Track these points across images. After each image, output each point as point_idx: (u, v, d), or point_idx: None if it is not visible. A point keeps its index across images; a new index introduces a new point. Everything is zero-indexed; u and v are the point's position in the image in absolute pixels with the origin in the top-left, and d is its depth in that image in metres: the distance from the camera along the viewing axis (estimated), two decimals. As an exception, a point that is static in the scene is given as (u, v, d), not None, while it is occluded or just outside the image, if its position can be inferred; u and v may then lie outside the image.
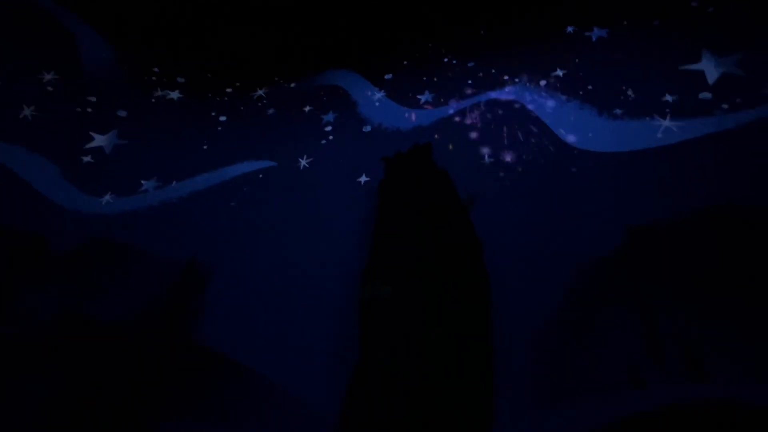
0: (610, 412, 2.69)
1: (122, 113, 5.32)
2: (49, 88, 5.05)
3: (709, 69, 4.09)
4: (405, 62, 5.49)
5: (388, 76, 5.44)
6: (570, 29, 4.86)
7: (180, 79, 5.73)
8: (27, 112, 4.81)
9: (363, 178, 4.54)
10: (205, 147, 5.36)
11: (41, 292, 4.01)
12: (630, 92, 4.21)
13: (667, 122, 3.93)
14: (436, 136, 4.61)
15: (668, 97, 4.04)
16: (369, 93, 5.36)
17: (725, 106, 3.83)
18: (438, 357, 2.96)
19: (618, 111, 4.17)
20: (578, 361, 3.17)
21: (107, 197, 4.78)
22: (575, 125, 4.24)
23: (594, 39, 4.72)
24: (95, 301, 4.02)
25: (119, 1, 5.48)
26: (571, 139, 4.20)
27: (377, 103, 5.23)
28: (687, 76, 4.11)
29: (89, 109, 5.20)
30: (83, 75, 5.33)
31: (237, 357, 3.70)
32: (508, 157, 4.27)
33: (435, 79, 5.19)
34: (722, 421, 2.38)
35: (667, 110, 3.99)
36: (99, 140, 5.08)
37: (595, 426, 2.62)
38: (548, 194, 3.94)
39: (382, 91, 5.33)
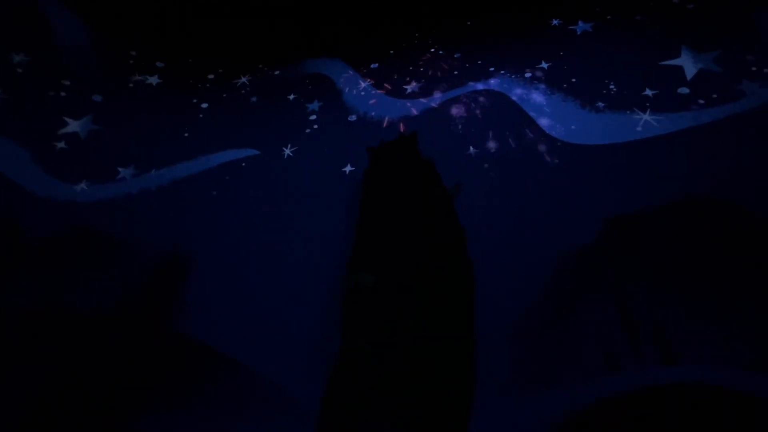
0: (588, 395, 2.79)
1: (98, 98, 5.13)
2: (19, 70, 4.83)
3: (688, 65, 4.19)
4: (391, 52, 5.45)
5: (374, 66, 5.39)
6: (555, 22, 4.90)
7: (159, 64, 5.55)
8: (-6, 94, 4.59)
9: (348, 168, 4.51)
10: (185, 135, 5.22)
11: (14, 283, 3.86)
12: (612, 86, 4.29)
13: (647, 116, 4.02)
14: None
15: (648, 92, 4.13)
16: (355, 82, 5.31)
17: (702, 101, 3.94)
18: (419, 345, 2.98)
19: (600, 104, 4.24)
20: (557, 348, 3.26)
21: (82, 185, 4.62)
22: (559, 117, 4.30)
23: (579, 32, 4.78)
24: (73, 291, 3.90)
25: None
26: (554, 131, 4.26)
27: (363, 93, 5.18)
28: (667, 71, 4.21)
29: (63, 93, 5.00)
30: (56, 57, 5.11)
31: (219, 347, 3.65)
32: (492, 148, 4.30)
33: (421, 69, 5.17)
34: (694, 402, 2.51)
35: (647, 104, 4.08)
36: (73, 125, 4.89)
37: (573, 408, 2.71)
38: (531, 185, 4.00)
39: (368, 80, 5.28)
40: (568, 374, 3.14)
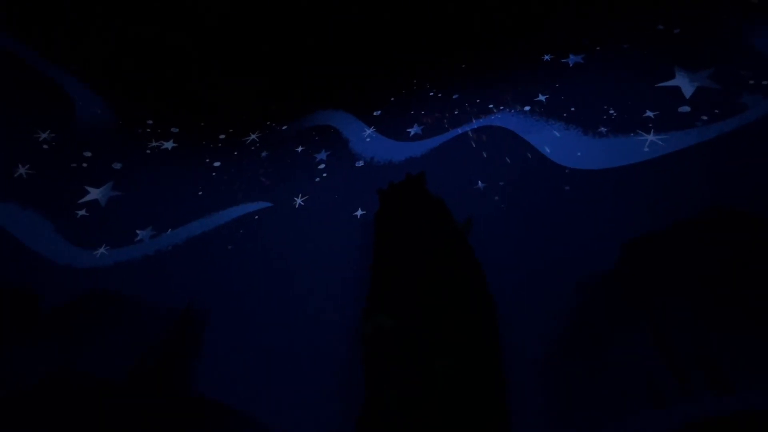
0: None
1: (117, 165, 5.38)
2: (45, 146, 5.14)
3: (684, 84, 4.27)
4: (392, 99, 5.69)
5: (376, 113, 5.61)
6: (547, 57, 5.11)
7: (174, 129, 5.87)
8: (22, 170, 4.86)
9: (359, 212, 4.55)
10: (200, 193, 5.38)
11: (31, 352, 3.84)
12: (612, 111, 4.36)
13: (651, 137, 4.04)
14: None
15: (649, 113, 4.18)
16: (359, 130, 5.50)
17: (705, 117, 3.96)
18: (447, 389, 2.81)
19: (603, 129, 4.29)
20: (594, 385, 3.04)
21: (102, 249, 4.73)
22: (563, 146, 4.34)
23: (571, 65, 4.95)
24: (88, 356, 3.85)
25: (112, 59, 5.71)
26: (560, 159, 4.28)
27: (368, 139, 5.35)
28: (664, 93, 4.29)
29: (84, 164, 5.26)
30: (79, 131, 5.44)
31: (237, 405, 3.51)
32: (500, 181, 4.32)
33: (422, 113, 5.35)
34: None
35: (650, 125, 4.11)
36: (94, 193, 5.10)
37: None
38: (545, 214, 3.96)
39: (372, 127, 5.47)
40: (609, 413, 2.90)
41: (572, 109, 4.56)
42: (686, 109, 4.08)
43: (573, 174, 4.10)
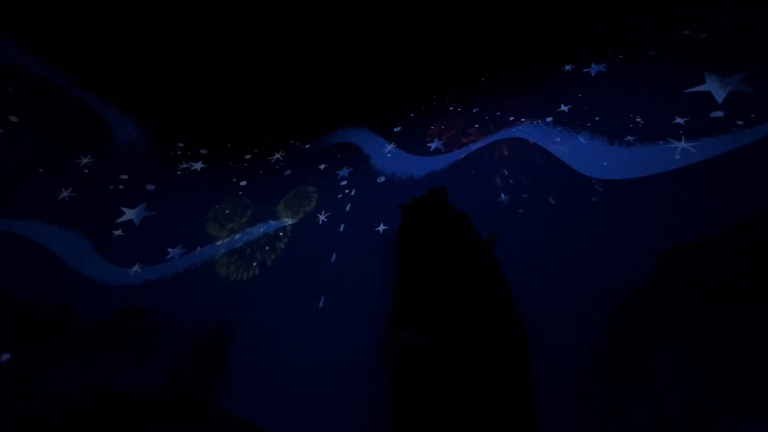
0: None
1: (151, 187, 5.65)
2: (86, 171, 5.46)
3: (716, 89, 4.12)
4: (412, 114, 5.75)
5: (397, 129, 5.68)
6: (568, 68, 5.05)
7: (203, 151, 6.13)
8: (65, 194, 5.17)
9: (381, 227, 4.57)
10: (227, 212, 5.55)
11: (69, 366, 4.01)
12: (639, 119, 4.25)
13: (682, 144, 3.89)
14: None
15: (679, 120, 4.05)
16: (380, 146, 5.57)
17: (740, 122, 3.79)
18: (474, 406, 2.73)
19: (630, 138, 4.17)
20: (632, 406, 2.87)
21: (136, 267, 4.93)
22: (587, 156, 4.24)
23: (593, 74, 4.88)
24: (122, 371, 3.98)
25: (146, 87, 6.06)
26: (585, 170, 4.18)
27: (389, 155, 5.41)
28: (694, 98, 4.14)
29: (121, 186, 5.55)
30: (116, 155, 5.77)
31: (263, 420, 3.52)
32: (524, 194, 4.25)
33: (442, 127, 5.37)
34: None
35: (681, 132, 3.97)
36: (129, 214, 5.36)
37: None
38: (572, 226, 3.85)
39: (393, 143, 5.53)
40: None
41: (596, 118, 4.47)
42: (719, 114, 3.92)
43: (600, 184, 3.99)
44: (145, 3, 5.15)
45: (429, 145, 5.25)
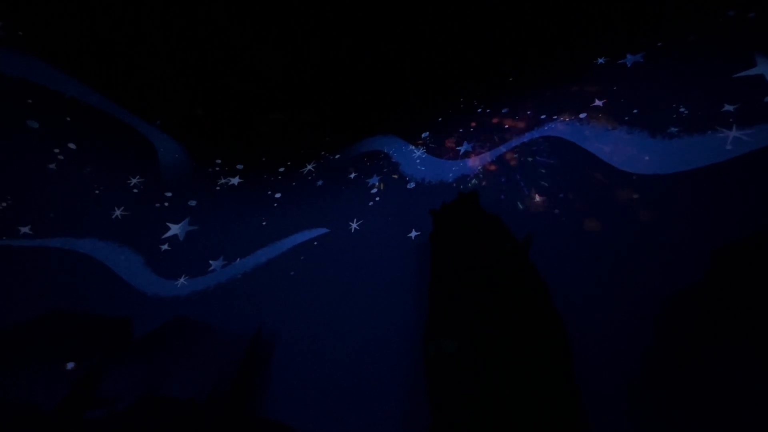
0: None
1: (192, 203, 5.98)
2: (135, 191, 5.87)
3: (768, 71, 3.81)
4: (439, 119, 5.73)
5: (425, 135, 5.67)
6: (601, 60, 4.86)
7: (239, 166, 6.41)
8: (118, 212, 5.59)
9: (413, 233, 4.56)
10: (264, 223, 5.76)
11: (125, 375, 4.28)
12: (683, 109, 4.00)
13: (734, 132, 3.63)
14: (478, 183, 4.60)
15: (728, 107, 3.77)
16: (409, 152, 5.59)
17: (799, 105, 3.49)
18: (517, 414, 2.65)
19: (673, 129, 3.94)
20: (691, 411, 2.68)
21: (182, 280, 5.21)
22: (626, 151, 4.04)
23: (629, 65, 4.66)
24: (173, 380, 4.21)
25: (185, 108, 6.44)
26: (626, 165, 3.99)
27: (418, 160, 5.41)
28: (744, 83, 3.85)
29: (166, 204, 5.92)
30: (161, 175, 6.16)
31: (305, 428, 3.59)
32: (560, 194, 4.11)
33: (471, 130, 5.31)
34: None
35: (731, 120, 3.70)
36: (174, 229, 5.69)
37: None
38: (614, 225, 3.67)
39: (421, 148, 5.53)
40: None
41: (635, 111, 4.25)
42: (774, 98, 3.63)
43: (641, 180, 3.79)
44: (179, 29, 5.50)
45: (458, 148, 5.21)
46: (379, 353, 3.88)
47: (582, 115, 4.56)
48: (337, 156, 6.27)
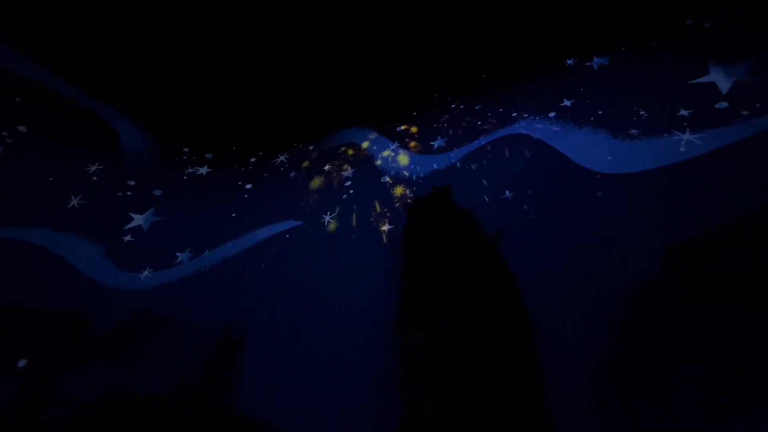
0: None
1: (158, 192, 5.72)
2: (94, 178, 5.54)
3: (720, 80, 4.09)
4: (414, 113, 5.76)
5: (400, 128, 5.69)
6: (570, 62, 5.04)
7: (208, 155, 6.19)
8: (74, 201, 5.26)
9: (387, 227, 4.59)
10: (233, 215, 5.61)
11: (84, 373, 4.09)
12: (642, 112, 4.23)
13: (687, 136, 3.88)
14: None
15: (683, 112, 4.02)
16: (384, 145, 5.59)
17: (745, 112, 3.77)
18: (486, 404, 2.76)
19: (634, 131, 4.16)
20: (645, 404, 2.88)
21: (146, 272, 5.00)
22: (592, 150, 4.23)
23: (596, 67, 4.86)
24: (135, 376, 4.06)
25: (151, 93, 6.13)
26: (590, 164, 4.18)
27: (393, 154, 5.43)
28: (698, 89, 4.11)
29: (129, 193, 5.63)
30: (123, 162, 5.85)
31: (276, 423, 3.57)
32: (529, 190, 4.25)
33: (445, 125, 5.38)
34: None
35: (685, 124, 3.95)
36: (137, 220, 5.43)
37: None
38: (578, 221, 3.85)
39: (396, 142, 5.55)
40: (662, 429, 2.74)
41: (600, 112, 4.45)
42: (724, 105, 3.90)
43: (605, 179, 3.99)
44: (148, 8, 5.20)
45: (432, 143, 5.27)
46: (352, 345, 3.90)
47: (551, 114, 4.72)
48: (310, 147, 6.18)
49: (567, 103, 4.71)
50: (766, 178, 3.37)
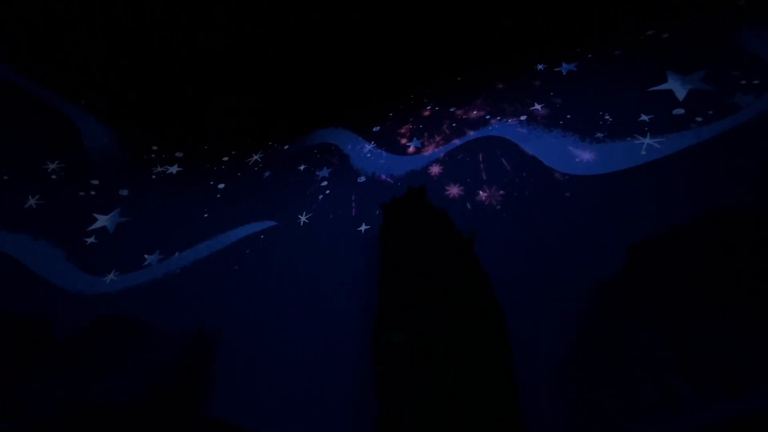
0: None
1: (124, 192, 5.49)
2: (54, 177, 5.25)
3: (677, 88, 4.34)
4: (390, 114, 5.80)
5: (375, 129, 5.71)
6: (540, 67, 5.21)
7: (178, 154, 5.99)
8: (32, 201, 4.97)
9: (363, 227, 4.60)
10: (205, 215, 5.46)
11: (45, 381, 3.88)
12: (607, 116, 4.43)
13: (647, 140, 4.09)
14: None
15: (644, 117, 4.25)
16: (359, 146, 5.60)
17: (699, 119, 4.02)
18: (460, 400, 2.82)
19: (599, 135, 4.35)
20: (608, 391, 3.03)
21: (111, 275, 4.79)
22: (561, 153, 4.40)
23: (564, 73, 5.05)
24: (102, 383, 3.88)
25: (117, 88, 5.88)
26: (559, 166, 4.34)
27: (368, 154, 5.44)
28: (657, 96, 4.35)
29: (92, 192, 5.37)
30: (86, 160, 5.57)
31: (251, 424, 3.51)
32: (501, 190, 4.37)
33: (420, 126, 5.44)
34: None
35: (646, 129, 4.17)
36: (102, 220, 5.19)
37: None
38: (548, 220, 4.00)
39: (372, 142, 5.56)
40: (623, 416, 2.89)
41: (568, 116, 4.63)
42: (680, 111, 4.14)
43: (573, 180, 4.15)
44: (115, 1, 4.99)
45: (408, 144, 5.31)
46: (327, 347, 3.89)
47: (523, 117, 4.87)
48: (285, 147, 6.10)
49: (537, 106, 4.87)
50: (719, 181, 3.61)
